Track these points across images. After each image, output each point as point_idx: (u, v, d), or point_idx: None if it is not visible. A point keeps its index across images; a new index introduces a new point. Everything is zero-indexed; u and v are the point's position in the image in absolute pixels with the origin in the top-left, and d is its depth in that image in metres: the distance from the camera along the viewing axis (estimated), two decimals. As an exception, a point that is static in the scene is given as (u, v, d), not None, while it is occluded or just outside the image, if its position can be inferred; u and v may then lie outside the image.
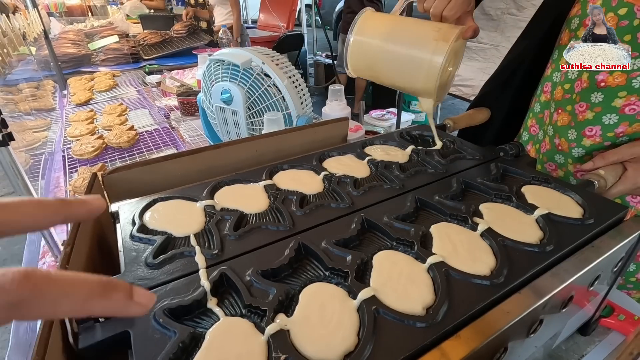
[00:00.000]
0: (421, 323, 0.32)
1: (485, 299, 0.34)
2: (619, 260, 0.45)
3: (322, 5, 7.63)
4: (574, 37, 0.64)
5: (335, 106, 0.94)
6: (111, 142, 0.97)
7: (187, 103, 1.19)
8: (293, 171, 0.58)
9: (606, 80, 0.59)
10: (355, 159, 0.62)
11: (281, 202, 0.49)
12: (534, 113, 0.76)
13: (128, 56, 2.09)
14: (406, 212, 0.47)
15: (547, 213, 0.46)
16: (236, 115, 0.85)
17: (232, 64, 0.81)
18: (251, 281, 0.37)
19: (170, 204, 0.50)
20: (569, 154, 0.67)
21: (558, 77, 0.68)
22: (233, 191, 0.53)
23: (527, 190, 0.52)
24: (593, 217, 0.45)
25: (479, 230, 0.43)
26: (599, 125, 0.61)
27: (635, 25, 0.54)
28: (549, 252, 0.40)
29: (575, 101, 0.63)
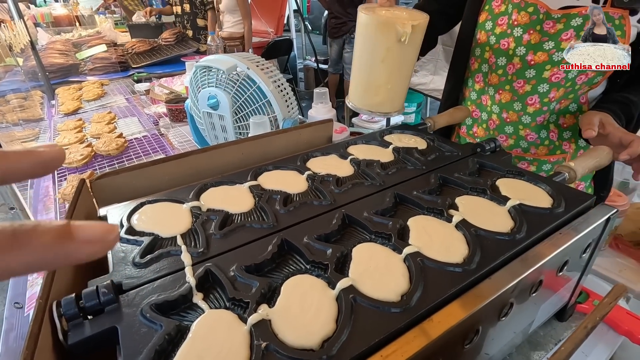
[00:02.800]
0: (395, 308, 0.34)
1: (458, 285, 0.36)
2: (587, 246, 0.47)
3: (310, 11, 7.71)
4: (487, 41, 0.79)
5: (321, 108, 0.96)
6: (100, 150, 0.98)
7: (176, 109, 1.20)
8: (278, 172, 0.60)
9: (534, 59, 0.74)
10: (338, 158, 0.64)
11: (265, 202, 0.51)
12: (472, 100, 0.90)
13: (116, 65, 2.09)
14: (385, 207, 0.49)
15: (518, 204, 0.48)
16: (223, 120, 0.87)
17: (218, 70, 0.82)
18: (235, 276, 0.38)
19: (158, 206, 0.51)
20: (518, 122, 0.81)
21: (486, 67, 0.82)
22: (219, 192, 0.55)
23: (501, 183, 0.54)
24: (562, 206, 0.48)
25: (454, 222, 0.45)
26: (536, 94, 0.76)
27: (540, 18, 0.70)
28: (519, 240, 0.42)
29: (513, 80, 0.78)
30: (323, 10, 6.09)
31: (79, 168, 0.95)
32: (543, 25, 0.70)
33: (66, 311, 0.33)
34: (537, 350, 0.52)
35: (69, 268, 0.41)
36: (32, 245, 0.13)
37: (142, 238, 0.44)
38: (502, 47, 0.77)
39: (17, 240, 0.13)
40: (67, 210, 0.48)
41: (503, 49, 0.77)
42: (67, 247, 0.14)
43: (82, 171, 0.94)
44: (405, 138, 0.71)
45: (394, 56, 0.64)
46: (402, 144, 0.69)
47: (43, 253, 0.13)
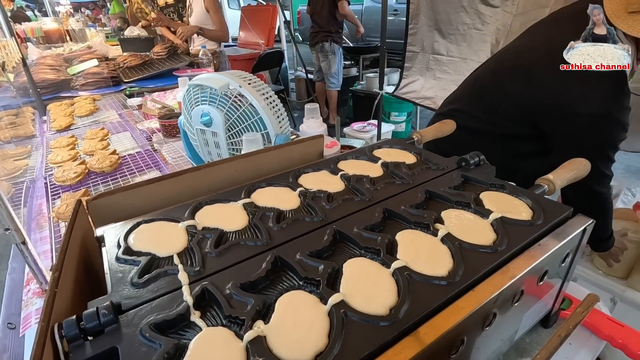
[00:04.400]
0: (384, 322, 0.35)
1: (443, 297, 0.38)
2: (565, 256, 0.50)
3: (301, 22, 7.81)
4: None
5: (312, 123, 0.98)
6: (93, 167, 0.98)
7: (169, 125, 1.21)
8: (270, 189, 0.62)
9: None
10: (329, 174, 0.66)
11: (259, 219, 0.53)
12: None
13: (108, 80, 2.10)
14: (374, 222, 0.51)
15: (500, 217, 0.51)
16: (216, 136, 0.89)
17: (211, 88, 0.85)
18: (231, 294, 0.40)
19: (154, 225, 0.53)
20: None
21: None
22: (213, 210, 0.56)
23: (484, 197, 0.57)
24: (541, 218, 0.50)
25: (439, 236, 0.48)
26: None
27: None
28: (501, 252, 0.45)
29: None
30: (313, 22, 6.17)
31: (73, 186, 0.95)
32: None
33: (67, 333, 0.34)
34: (523, 357, 0.54)
35: (68, 289, 0.42)
36: None
37: (140, 258, 0.45)
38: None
39: None
40: (64, 232, 0.49)
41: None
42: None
43: (75, 189, 0.95)
44: (393, 153, 0.74)
45: None
46: (391, 158, 0.71)
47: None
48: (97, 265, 0.53)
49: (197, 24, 2.71)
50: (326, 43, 3.77)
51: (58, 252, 0.76)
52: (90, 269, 0.52)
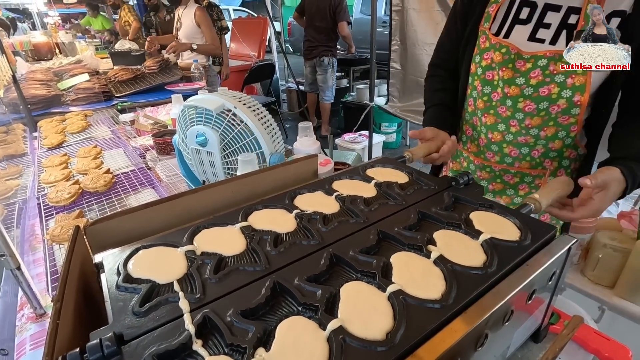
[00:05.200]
0: (381, 347, 0.37)
1: (437, 320, 0.40)
2: (552, 274, 0.52)
3: (291, 33, 7.91)
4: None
5: (305, 141, 1.00)
6: (87, 187, 0.98)
7: (163, 143, 1.22)
8: (267, 211, 0.63)
9: (510, 91, 0.84)
10: (324, 195, 0.68)
11: (257, 243, 0.54)
12: (466, 120, 1.01)
13: (100, 94, 2.10)
14: (369, 245, 0.52)
15: (489, 237, 0.53)
16: (211, 156, 0.90)
17: (206, 109, 0.86)
18: (232, 321, 0.41)
19: (153, 251, 0.53)
20: (502, 141, 0.92)
21: (476, 94, 0.93)
22: (212, 235, 0.57)
23: (474, 217, 0.59)
24: (528, 238, 0.52)
25: (432, 258, 0.49)
26: (516, 120, 0.87)
27: (512, 58, 0.82)
28: (491, 273, 0.46)
29: (497, 106, 0.89)
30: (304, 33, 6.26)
31: (67, 206, 0.95)
32: (515, 64, 0.82)
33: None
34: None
35: (69, 319, 0.43)
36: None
37: (140, 286, 0.46)
38: (487, 77, 0.88)
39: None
40: (64, 260, 0.50)
41: (488, 79, 0.88)
42: None
43: (69, 209, 0.94)
44: (386, 172, 0.76)
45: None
46: (384, 178, 0.73)
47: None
48: (95, 290, 0.53)
49: (186, 37, 2.74)
50: (326, 57, 3.85)
51: (53, 275, 0.76)
52: (89, 295, 0.52)
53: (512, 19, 0.84)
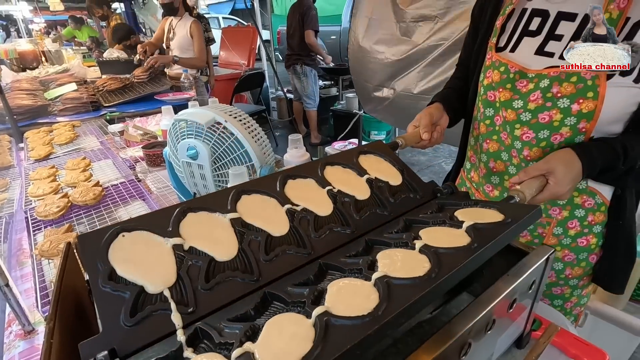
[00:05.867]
0: (364, 318, 0.38)
1: (422, 291, 0.40)
2: (532, 283, 0.54)
3: (281, 42, 7.96)
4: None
5: (295, 153, 1.02)
6: (77, 201, 0.98)
7: (153, 155, 1.22)
8: (257, 199, 0.61)
9: (507, 116, 0.76)
10: (316, 186, 0.66)
11: (248, 245, 0.54)
12: (471, 145, 0.93)
13: (88, 104, 2.09)
14: (357, 252, 0.54)
15: (472, 223, 0.53)
16: (202, 169, 0.91)
17: (197, 123, 0.87)
18: (222, 327, 0.42)
19: (136, 238, 0.50)
20: (504, 172, 0.82)
21: (479, 116, 0.84)
22: (200, 224, 0.55)
23: (459, 213, 0.60)
24: (510, 218, 0.53)
25: (417, 247, 0.50)
26: (515, 149, 0.77)
27: (511, 77, 0.74)
28: (475, 248, 0.47)
29: (499, 131, 0.79)
30: (293, 43, 6.32)
31: (55, 220, 0.94)
32: (515, 84, 0.73)
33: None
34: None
35: (63, 339, 0.43)
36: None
37: (127, 289, 0.45)
38: (489, 98, 0.80)
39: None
40: (56, 277, 0.50)
41: (490, 100, 0.79)
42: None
43: (58, 224, 0.94)
44: (379, 166, 0.75)
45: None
46: (376, 172, 0.72)
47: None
48: (87, 305, 0.53)
49: (179, 48, 2.75)
50: (297, 66, 3.93)
51: (42, 291, 0.75)
52: (81, 310, 0.53)
53: (521, 31, 0.76)
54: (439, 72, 2.05)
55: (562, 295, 0.86)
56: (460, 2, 1.83)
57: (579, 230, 0.79)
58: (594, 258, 0.81)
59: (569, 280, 0.84)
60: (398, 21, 2.19)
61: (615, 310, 1.27)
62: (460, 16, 1.85)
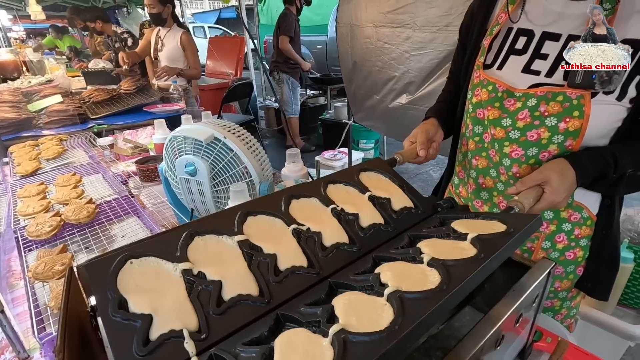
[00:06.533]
0: (382, 334, 0.38)
1: (435, 304, 0.41)
2: (536, 297, 0.56)
3: (267, 51, 8.00)
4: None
5: (293, 167, 1.02)
6: (70, 219, 0.95)
7: (147, 170, 1.20)
8: (264, 220, 0.61)
9: (496, 133, 0.77)
10: (320, 206, 0.67)
11: (257, 267, 0.54)
12: (459, 161, 0.95)
13: (74, 117, 2.04)
14: (365, 269, 0.54)
15: (477, 235, 0.54)
16: (201, 185, 0.90)
17: (196, 139, 0.87)
18: (238, 351, 0.41)
19: (145, 267, 0.50)
20: (493, 189, 0.83)
21: (468, 132, 0.86)
22: (208, 248, 0.55)
23: (461, 225, 0.60)
24: (513, 228, 0.54)
25: (425, 261, 0.51)
26: (503, 167, 0.79)
27: (499, 96, 0.75)
28: (482, 258, 0.48)
29: (488, 149, 0.81)
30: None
31: (48, 240, 0.92)
32: (503, 102, 0.75)
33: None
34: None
35: None
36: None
37: (138, 317, 0.45)
38: (478, 116, 0.81)
39: None
40: (61, 306, 0.49)
41: (479, 118, 0.81)
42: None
43: (51, 243, 0.91)
44: (379, 183, 0.76)
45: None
46: (377, 189, 0.73)
47: None
48: (89, 330, 0.52)
49: (168, 59, 2.73)
50: (275, 73, 4.01)
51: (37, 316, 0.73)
52: (84, 336, 0.51)
53: (507, 49, 0.78)
54: (429, 82, 2.09)
55: (552, 308, 0.89)
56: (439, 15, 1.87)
57: (567, 244, 0.81)
58: (580, 270, 0.84)
59: (559, 293, 0.87)
60: (375, 26, 2.23)
61: (604, 314, 1.31)
62: (440, 27, 1.90)
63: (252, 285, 0.51)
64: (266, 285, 0.51)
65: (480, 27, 0.84)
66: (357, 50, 2.40)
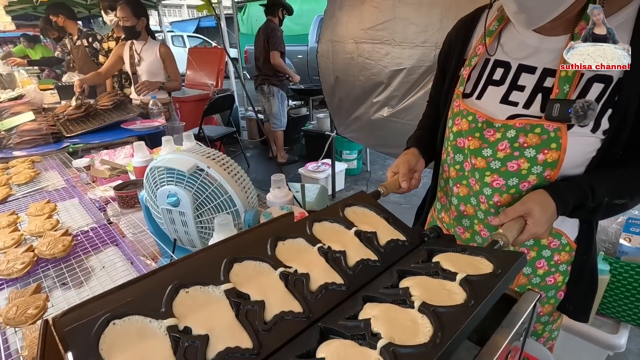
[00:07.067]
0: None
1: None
2: (523, 331, 0.57)
3: (248, 60, 7.98)
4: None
5: (278, 193, 1.01)
6: (44, 254, 0.91)
7: (126, 196, 1.17)
8: (250, 265, 0.61)
9: (476, 163, 0.79)
10: (306, 245, 0.67)
11: (245, 316, 0.52)
12: (441, 187, 0.96)
13: (48, 136, 1.96)
14: (355, 312, 0.54)
15: (465, 276, 0.54)
16: (184, 216, 0.88)
17: (177, 170, 0.85)
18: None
19: (128, 328, 0.48)
20: (474, 217, 0.85)
21: (449, 160, 0.87)
22: (193, 300, 0.53)
23: (448, 262, 0.61)
24: (500, 268, 0.55)
25: (416, 306, 0.50)
26: (484, 195, 0.80)
27: (479, 127, 0.77)
28: (473, 305, 0.48)
29: (469, 177, 0.82)
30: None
31: (20, 278, 0.87)
32: (484, 133, 0.76)
33: None
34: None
35: None
36: None
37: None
38: (459, 145, 0.82)
39: None
40: (36, 366, 0.46)
41: (459, 146, 0.82)
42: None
43: (23, 282, 0.86)
44: (365, 217, 0.76)
45: None
46: (362, 223, 0.74)
47: None
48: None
49: (148, 72, 2.67)
50: (264, 86, 3.97)
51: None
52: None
53: (485, 80, 0.80)
54: (410, 95, 2.13)
55: (535, 332, 0.91)
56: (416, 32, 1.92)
57: (547, 270, 0.84)
58: (561, 294, 0.87)
59: (541, 317, 0.89)
60: (356, 42, 2.26)
61: (583, 325, 1.35)
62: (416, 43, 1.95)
63: (240, 336, 0.50)
64: (255, 335, 0.50)
65: (458, 57, 0.86)
66: (339, 65, 2.43)
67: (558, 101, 0.67)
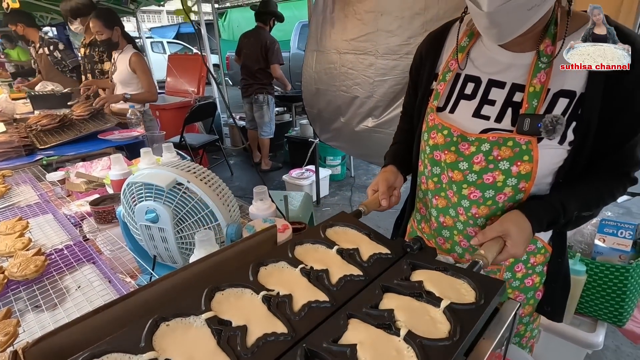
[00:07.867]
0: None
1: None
2: (505, 340, 0.58)
3: (230, 67, 7.93)
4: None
5: (261, 205, 1.00)
6: (15, 276, 0.86)
7: (103, 212, 1.13)
8: (232, 293, 0.60)
9: (453, 176, 0.80)
10: (288, 267, 0.67)
11: (227, 343, 0.52)
12: (420, 198, 0.98)
13: (20, 148, 1.88)
14: (341, 333, 0.53)
15: (449, 304, 0.56)
16: (164, 232, 0.85)
17: (156, 186, 0.83)
18: None
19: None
20: (453, 228, 0.86)
21: (426, 172, 0.89)
22: (174, 332, 0.53)
23: (427, 279, 0.63)
24: (483, 297, 0.57)
25: (402, 335, 0.51)
26: (462, 207, 0.82)
27: (454, 140, 0.78)
28: (457, 341, 0.49)
29: (447, 189, 0.84)
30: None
31: (-12, 302, 0.82)
32: (459, 146, 0.78)
33: None
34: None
35: None
36: None
37: None
38: (435, 157, 0.83)
39: None
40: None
41: (436, 159, 0.83)
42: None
43: (-8, 306, 0.82)
44: (346, 235, 0.77)
45: None
46: (344, 242, 0.75)
47: None
48: None
49: (120, 82, 2.61)
50: (261, 95, 3.93)
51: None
52: None
53: (457, 94, 0.81)
54: (394, 106, 2.16)
55: (518, 333, 0.94)
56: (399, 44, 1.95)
57: (525, 272, 0.86)
58: (539, 295, 0.90)
59: (522, 319, 0.92)
60: (339, 52, 2.29)
61: (563, 325, 1.38)
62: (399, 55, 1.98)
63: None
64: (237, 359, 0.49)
65: (429, 70, 0.88)
66: (322, 75, 2.44)
67: (528, 116, 0.70)
